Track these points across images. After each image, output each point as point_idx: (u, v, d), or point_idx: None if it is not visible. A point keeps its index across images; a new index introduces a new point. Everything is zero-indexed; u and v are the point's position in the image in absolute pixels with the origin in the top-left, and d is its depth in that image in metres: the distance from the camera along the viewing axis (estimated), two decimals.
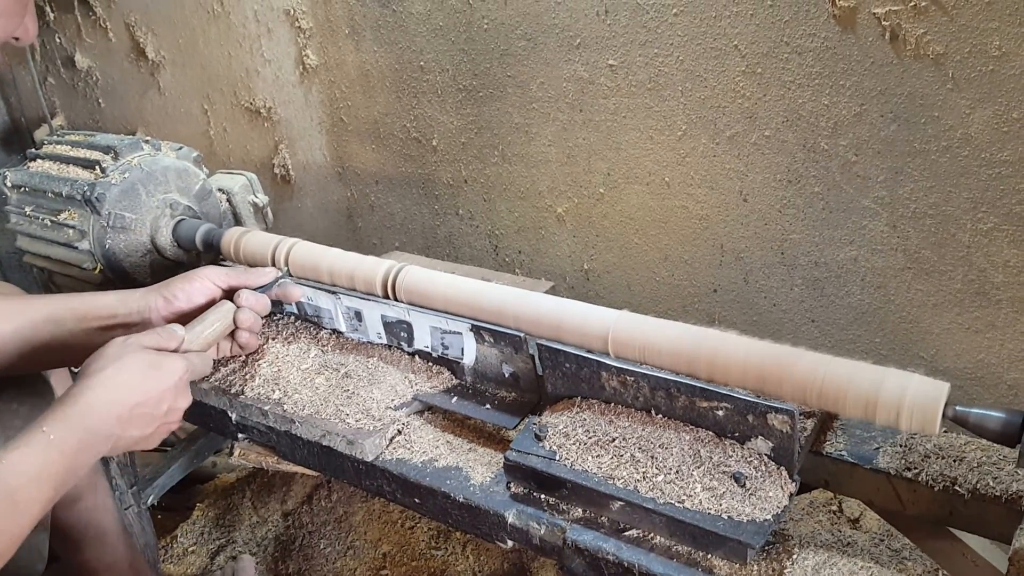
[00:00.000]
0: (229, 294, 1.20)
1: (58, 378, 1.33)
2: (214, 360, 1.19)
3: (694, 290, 1.61)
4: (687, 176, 1.51)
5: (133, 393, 0.97)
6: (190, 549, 1.86)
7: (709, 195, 1.50)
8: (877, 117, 1.28)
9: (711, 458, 0.96)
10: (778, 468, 0.94)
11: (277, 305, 1.35)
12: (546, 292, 1.28)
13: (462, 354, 1.19)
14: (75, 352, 1.12)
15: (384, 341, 1.27)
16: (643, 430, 1.01)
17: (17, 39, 1.35)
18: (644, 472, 0.96)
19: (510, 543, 1.03)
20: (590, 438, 1.02)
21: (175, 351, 1.06)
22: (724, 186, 1.48)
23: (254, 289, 1.21)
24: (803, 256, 1.45)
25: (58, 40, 2.37)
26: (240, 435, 1.26)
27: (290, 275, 1.31)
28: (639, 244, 1.63)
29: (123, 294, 1.19)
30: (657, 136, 1.51)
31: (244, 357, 1.28)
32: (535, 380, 1.14)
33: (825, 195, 1.38)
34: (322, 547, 1.77)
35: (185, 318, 1.15)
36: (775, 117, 1.37)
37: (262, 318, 1.22)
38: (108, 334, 1.13)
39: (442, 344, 1.21)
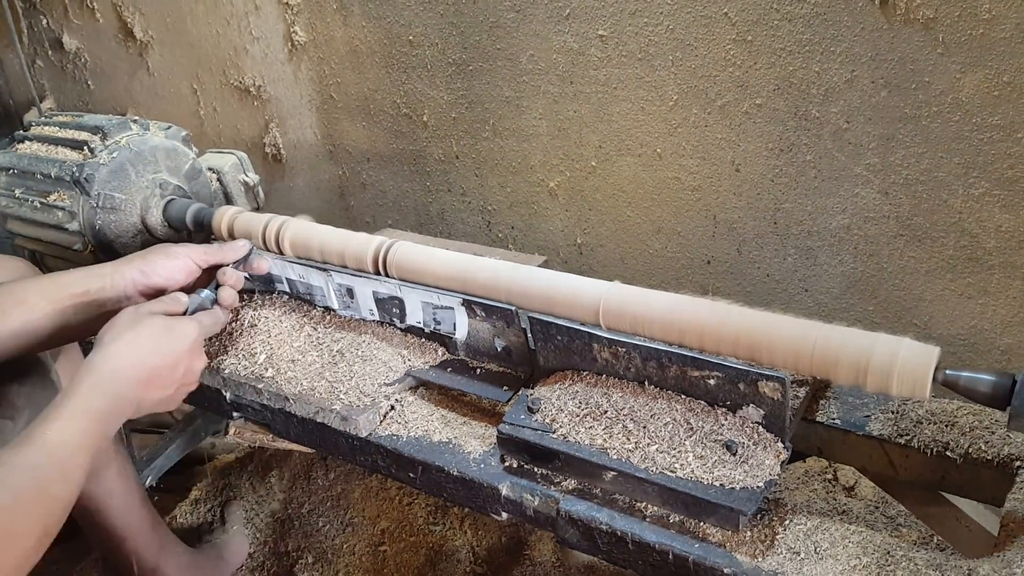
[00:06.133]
0: (208, 272, 1.20)
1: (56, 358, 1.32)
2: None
3: (687, 262, 1.61)
4: (679, 147, 1.50)
5: (151, 357, 1.00)
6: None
7: (701, 166, 1.49)
8: (868, 83, 1.27)
9: (703, 427, 0.96)
10: (770, 436, 0.94)
11: (268, 283, 1.35)
12: (539, 266, 1.27)
13: (454, 329, 1.19)
14: (50, 335, 1.12)
15: (376, 318, 1.27)
16: (635, 401, 1.01)
17: None
18: (636, 442, 0.97)
19: (505, 515, 1.03)
20: (582, 410, 1.02)
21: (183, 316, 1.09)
22: (716, 156, 1.47)
23: (230, 265, 1.21)
24: (796, 225, 1.45)
25: (45, 22, 2.34)
26: (235, 414, 1.27)
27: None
28: (632, 216, 1.63)
29: (92, 269, 1.17)
30: (648, 107, 1.50)
31: (236, 337, 1.28)
32: (527, 353, 1.14)
33: (817, 163, 1.37)
34: (320, 524, 1.78)
35: (161, 294, 1.15)
36: (766, 85, 1.36)
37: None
38: (82, 312, 1.13)
39: (434, 319, 1.20)
